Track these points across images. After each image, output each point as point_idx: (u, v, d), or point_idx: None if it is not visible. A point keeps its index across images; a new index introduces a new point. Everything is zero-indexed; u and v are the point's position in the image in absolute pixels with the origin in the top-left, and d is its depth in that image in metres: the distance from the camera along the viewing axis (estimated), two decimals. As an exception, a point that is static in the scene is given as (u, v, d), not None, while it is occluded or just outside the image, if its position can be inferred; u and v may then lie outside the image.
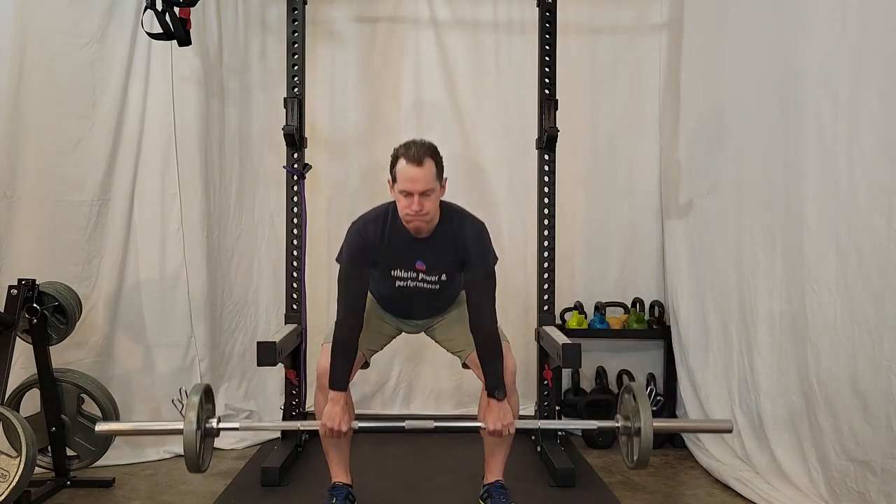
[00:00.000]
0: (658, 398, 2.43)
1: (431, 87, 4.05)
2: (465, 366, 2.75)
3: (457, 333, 2.71)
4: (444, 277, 2.57)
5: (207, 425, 2.40)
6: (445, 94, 4.04)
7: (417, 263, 2.53)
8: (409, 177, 2.35)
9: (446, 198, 2.55)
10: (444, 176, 2.46)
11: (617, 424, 2.52)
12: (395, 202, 2.48)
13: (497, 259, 2.58)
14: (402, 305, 2.71)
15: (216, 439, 3.55)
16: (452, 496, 2.90)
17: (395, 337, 2.83)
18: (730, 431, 2.72)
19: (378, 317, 2.74)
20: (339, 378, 2.50)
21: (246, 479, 3.11)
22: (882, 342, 2.35)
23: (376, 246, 2.51)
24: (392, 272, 2.55)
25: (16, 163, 3.13)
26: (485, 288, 2.54)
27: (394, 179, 2.42)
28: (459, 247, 2.51)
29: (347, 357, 2.53)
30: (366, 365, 2.76)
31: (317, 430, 2.44)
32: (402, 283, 2.57)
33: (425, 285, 2.57)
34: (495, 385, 2.51)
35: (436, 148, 2.44)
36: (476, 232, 2.54)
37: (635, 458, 2.41)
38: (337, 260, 2.59)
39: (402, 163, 2.37)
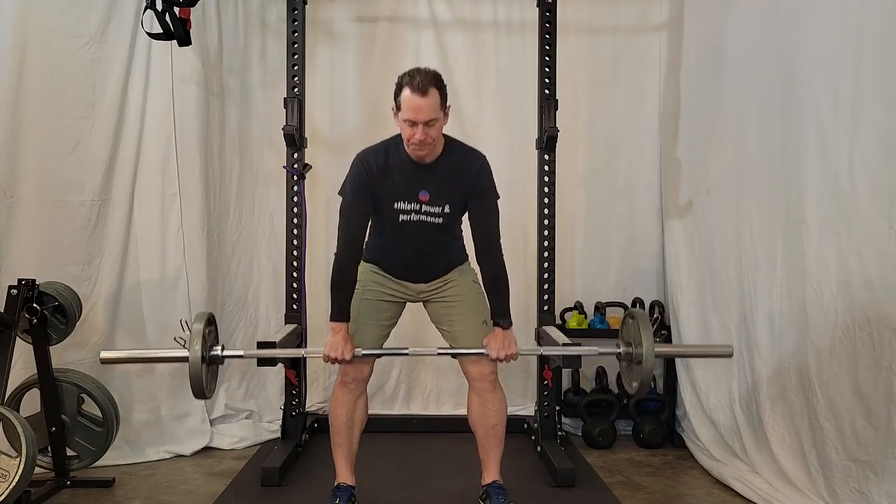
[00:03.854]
0: (662, 329, 2.40)
1: (431, 87, 4.04)
2: (452, 356, 2.72)
3: (455, 319, 2.66)
4: (447, 209, 2.55)
5: (212, 353, 2.45)
6: (445, 94, 4.04)
7: (420, 193, 2.52)
8: (413, 106, 2.35)
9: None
10: (448, 104, 2.47)
11: (619, 350, 2.57)
12: (399, 134, 2.49)
13: (499, 196, 2.62)
14: (404, 255, 2.65)
15: (217, 436, 3.64)
16: (452, 496, 2.90)
17: (399, 314, 2.75)
18: (730, 355, 2.68)
19: (378, 305, 2.67)
20: (340, 309, 2.54)
21: (246, 479, 3.11)
22: (882, 342, 2.35)
23: (379, 175, 2.51)
24: (395, 204, 2.54)
25: (16, 163, 3.13)
26: (491, 221, 2.58)
27: (398, 108, 2.42)
28: (463, 176, 2.53)
29: (347, 289, 2.56)
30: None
31: (317, 431, 2.46)
32: (405, 217, 2.55)
33: (428, 219, 2.55)
34: (501, 314, 2.57)
35: (440, 77, 2.43)
36: (480, 163, 2.56)
37: (635, 384, 2.45)
38: (340, 193, 2.60)
39: (406, 92, 2.37)
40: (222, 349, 2.49)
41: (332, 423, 2.68)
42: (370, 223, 2.63)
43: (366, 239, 2.65)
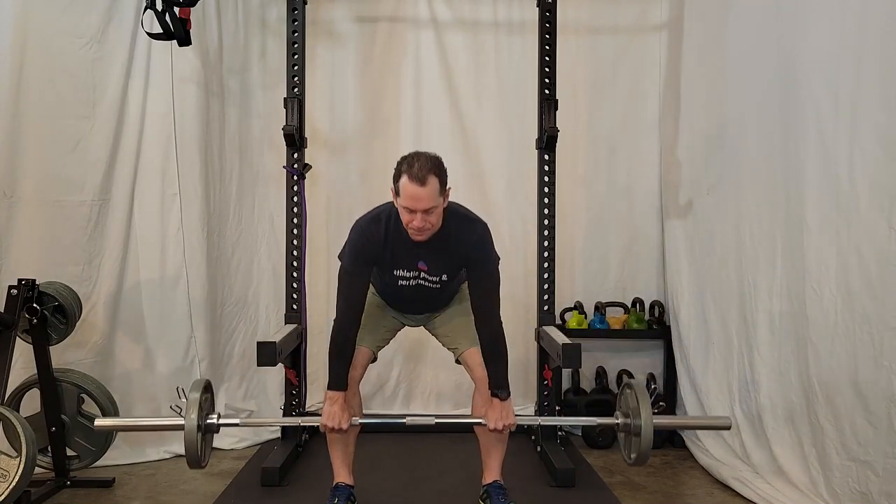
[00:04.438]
0: (659, 400, 2.36)
1: (431, 86, 4.05)
2: (458, 361, 2.76)
3: (454, 328, 2.72)
4: (444, 277, 2.59)
5: (208, 421, 2.42)
6: (445, 94, 4.04)
7: (420, 263, 2.55)
8: (411, 195, 2.33)
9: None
10: (448, 187, 2.42)
11: (617, 421, 2.52)
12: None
13: (499, 259, 2.59)
14: (404, 302, 2.74)
15: (217, 436, 3.63)
16: (452, 496, 2.90)
17: (398, 330, 2.85)
18: (728, 428, 2.72)
19: (380, 312, 2.76)
20: (338, 378, 2.53)
21: (246, 479, 3.11)
22: (882, 342, 2.35)
23: (379, 247, 2.51)
24: (395, 272, 2.57)
25: (16, 163, 3.13)
26: (488, 289, 2.56)
27: (397, 192, 2.39)
28: (461, 249, 2.52)
29: (345, 357, 2.55)
30: (374, 360, 2.78)
31: (318, 429, 2.47)
32: (404, 283, 2.59)
33: (427, 283, 2.59)
34: (498, 384, 2.54)
35: (439, 162, 2.39)
36: (478, 235, 2.53)
37: (633, 455, 2.42)
38: (339, 257, 2.60)
39: (404, 179, 2.33)
40: (218, 417, 2.45)
41: (320, 428, 2.68)
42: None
43: None
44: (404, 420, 2.56)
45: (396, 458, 3.37)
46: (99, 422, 2.52)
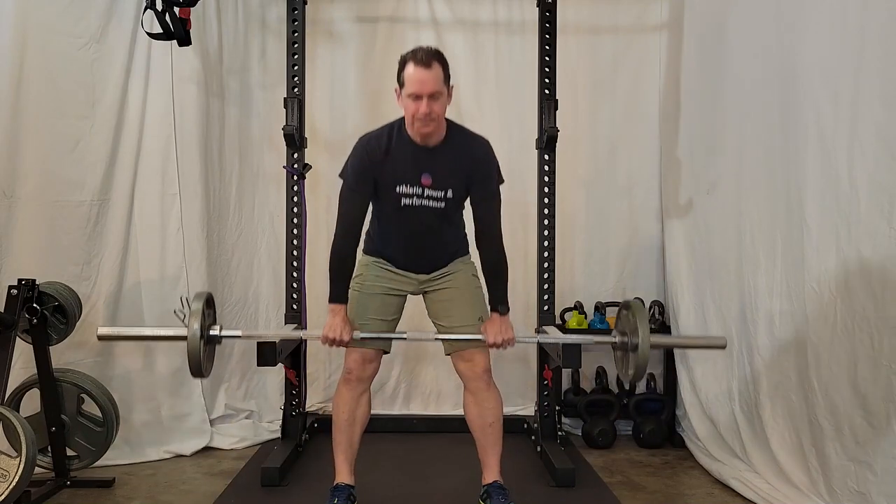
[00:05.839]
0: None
1: (431, 86, 4.04)
2: (447, 353, 2.72)
3: (452, 313, 2.67)
4: (449, 194, 2.55)
5: (210, 332, 2.45)
6: (445, 94, 4.04)
7: (423, 177, 2.52)
8: (417, 79, 2.36)
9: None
10: (451, 83, 2.46)
11: (614, 340, 2.57)
12: (401, 118, 2.51)
13: (503, 181, 2.61)
14: (404, 242, 2.66)
15: (216, 436, 3.64)
16: (452, 496, 2.90)
17: (400, 314, 2.75)
18: (723, 347, 2.69)
19: (381, 297, 2.68)
20: (338, 291, 2.56)
21: (246, 479, 3.11)
22: (882, 342, 2.35)
23: (381, 159, 2.51)
24: (397, 188, 2.53)
25: (16, 163, 3.13)
26: (493, 206, 2.59)
27: (401, 85, 2.42)
28: (466, 161, 2.53)
29: (345, 274, 2.58)
30: (387, 351, 2.74)
31: (317, 430, 2.46)
32: (407, 201, 2.54)
33: (430, 203, 2.55)
34: (499, 299, 2.59)
35: (442, 53, 2.45)
36: (483, 149, 2.57)
37: (631, 371, 2.45)
38: (340, 176, 2.60)
39: (409, 66, 2.38)
40: (220, 329, 2.48)
41: (333, 420, 2.70)
42: (371, 212, 2.64)
43: (366, 228, 2.67)
44: (405, 335, 2.61)
45: (396, 458, 3.37)
46: (102, 330, 2.53)
